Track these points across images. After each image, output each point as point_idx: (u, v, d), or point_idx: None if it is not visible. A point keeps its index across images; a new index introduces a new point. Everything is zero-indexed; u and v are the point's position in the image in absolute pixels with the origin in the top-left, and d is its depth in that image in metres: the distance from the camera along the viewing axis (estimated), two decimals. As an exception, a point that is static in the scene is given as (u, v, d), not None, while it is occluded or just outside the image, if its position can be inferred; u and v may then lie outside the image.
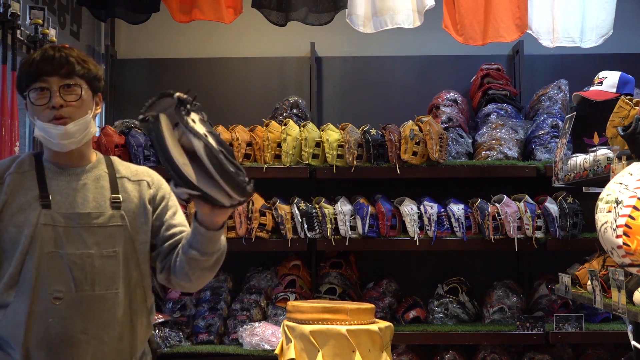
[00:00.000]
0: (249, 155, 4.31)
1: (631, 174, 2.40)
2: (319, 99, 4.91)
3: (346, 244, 4.17)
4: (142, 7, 4.31)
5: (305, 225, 4.16)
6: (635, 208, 2.30)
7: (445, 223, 4.18)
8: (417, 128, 4.18)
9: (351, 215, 4.17)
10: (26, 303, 1.84)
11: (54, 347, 1.84)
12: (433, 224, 4.15)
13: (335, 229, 4.16)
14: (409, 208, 4.18)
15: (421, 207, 4.19)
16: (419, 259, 4.66)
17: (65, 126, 1.90)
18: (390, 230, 4.19)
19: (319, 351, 2.97)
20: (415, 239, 4.17)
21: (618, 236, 2.35)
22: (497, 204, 4.17)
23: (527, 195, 4.22)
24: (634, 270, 2.44)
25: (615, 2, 4.31)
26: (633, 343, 2.70)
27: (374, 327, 3.04)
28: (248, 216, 4.17)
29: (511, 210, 4.11)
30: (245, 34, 4.97)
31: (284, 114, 4.54)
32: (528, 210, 4.11)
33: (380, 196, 4.29)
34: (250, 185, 1.74)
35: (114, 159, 2.09)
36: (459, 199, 4.28)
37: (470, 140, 4.46)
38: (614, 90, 3.72)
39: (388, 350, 3.11)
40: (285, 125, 4.26)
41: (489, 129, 4.38)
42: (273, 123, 4.35)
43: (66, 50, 1.95)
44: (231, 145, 4.26)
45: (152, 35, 4.96)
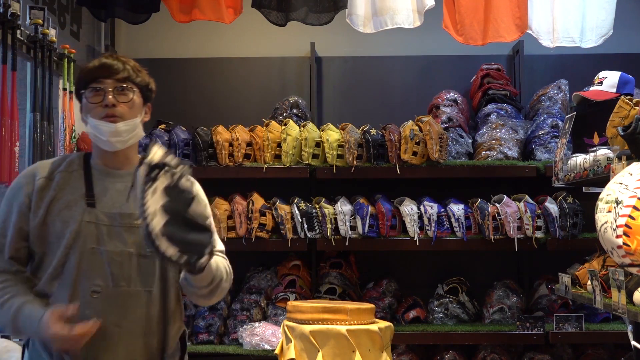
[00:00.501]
0: (249, 155, 4.31)
1: (631, 174, 2.40)
2: (319, 99, 4.91)
3: (346, 244, 4.17)
4: (142, 7, 4.31)
5: (305, 225, 4.16)
6: (635, 208, 2.30)
7: (445, 223, 4.18)
8: (417, 128, 4.18)
9: (351, 215, 4.17)
10: (66, 295, 1.96)
11: (89, 339, 1.92)
12: (433, 224, 4.16)
13: (335, 229, 4.16)
14: (409, 208, 4.18)
15: (421, 207, 4.19)
16: (419, 259, 4.66)
17: (116, 124, 2.03)
18: (390, 230, 4.19)
19: (319, 351, 2.97)
20: (415, 239, 4.17)
21: (618, 236, 2.35)
22: (497, 204, 4.17)
23: (527, 195, 4.22)
24: (634, 270, 2.44)
25: (615, 2, 4.31)
26: (633, 343, 2.70)
27: (374, 327, 3.04)
28: (248, 216, 4.17)
29: (511, 210, 4.11)
30: (245, 34, 4.97)
31: (284, 114, 4.54)
32: (528, 210, 4.11)
33: (380, 196, 4.29)
34: (199, 262, 1.82)
35: None
36: (459, 199, 4.28)
37: (470, 140, 4.46)
38: (614, 90, 3.71)
39: (388, 350, 3.11)
40: (285, 125, 4.26)
41: (489, 129, 4.38)
42: (273, 123, 4.35)
43: (123, 59, 2.11)
44: (231, 145, 4.27)
45: (152, 35, 4.96)
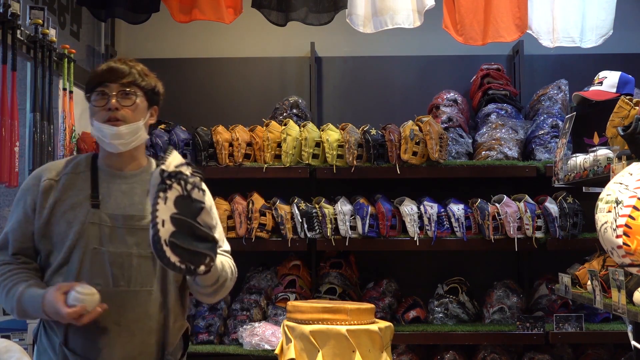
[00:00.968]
0: (249, 155, 4.31)
1: (631, 174, 2.40)
2: (319, 99, 4.91)
3: (346, 244, 4.17)
4: (142, 7, 4.31)
5: (305, 225, 4.16)
6: (635, 208, 2.30)
7: (445, 223, 4.18)
8: (417, 128, 4.18)
9: (351, 215, 4.17)
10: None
11: (89, 335, 2.01)
12: (433, 224, 4.16)
13: (335, 229, 4.16)
14: (409, 208, 4.18)
15: (421, 207, 4.19)
16: (419, 259, 4.66)
17: (118, 127, 2.08)
18: (390, 230, 4.19)
19: (319, 351, 2.97)
20: (415, 239, 4.17)
21: (618, 236, 2.35)
22: (497, 204, 4.17)
23: (527, 195, 4.22)
24: (634, 270, 2.44)
25: (615, 2, 4.31)
26: (633, 343, 2.70)
27: (374, 327, 3.04)
28: (248, 216, 4.17)
29: (511, 210, 4.11)
30: (245, 34, 4.97)
31: (284, 114, 4.54)
32: (528, 210, 4.11)
33: (380, 196, 4.29)
34: (199, 270, 1.89)
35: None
36: (459, 199, 4.28)
37: (470, 140, 4.46)
38: (614, 90, 3.71)
39: (388, 350, 3.11)
40: (285, 125, 4.26)
41: (489, 129, 4.37)
42: (273, 123, 4.35)
43: (131, 63, 2.15)
44: (231, 145, 4.27)
45: (152, 35, 4.96)
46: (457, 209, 4.19)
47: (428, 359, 4.32)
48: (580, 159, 3.24)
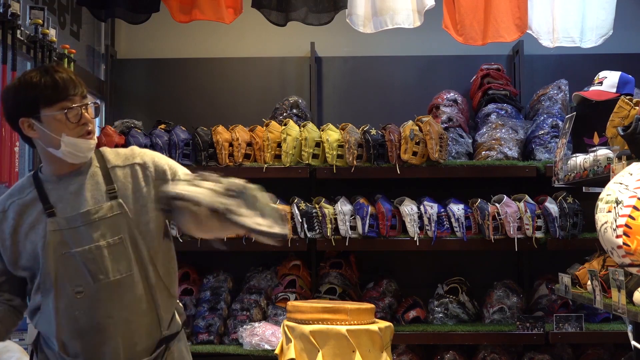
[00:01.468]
0: (249, 155, 4.31)
1: (631, 174, 2.40)
2: (319, 99, 4.91)
3: (346, 244, 4.17)
4: (142, 7, 4.31)
5: (305, 225, 4.16)
6: (635, 208, 2.30)
7: (445, 223, 4.18)
8: (417, 128, 4.18)
9: (351, 215, 4.17)
10: (52, 302, 2.03)
11: (85, 336, 2.02)
12: (433, 224, 4.15)
13: (335, 229, 4.16)
14: (409, 208, 4.18)
15: (421, 207, 4.19)
16: (419, 259, 4.66)
17: (92, 140, 2.09)
18: (390, 230, 4.19)
19: (319, 351, 2.97)
20: (415, 239, 4.17)
21: (618, 236, 2.35)
22: (497, 204, 4.17)
23: (527, 195, 4.21)
24: (634, 270, 2.44)
25: (615, 2, 4.31)
26: (633, 343, 2.70)
27: (374, 327, 3.04)
28: (248, 216, 4.17)
29: (511, 210, 4.11)
30: (245, 34, 4.97)
31: (284, 114, 4.54)
32: (528, 210, 4.11)
33: (380, 196, 4.29)
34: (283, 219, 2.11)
35: (104, 149, 2.19)
36: (459, 199, 4.28)
37: (470, 140, 4.46)
38: (614, 90, 3.70)
39: (388, 350, 3.11)
40: (285, 125, 4.26)
41: (489, 129, 4.37)
42: (273, 123, 4.35)
43: (70, 72, 2.10)
44: (231, 145, 4.27)
45: (152, 35, 4.96)
46: (457, 209, 4.19)
47: (428, 359, 4.32)
48: (580, 159, 3.24)
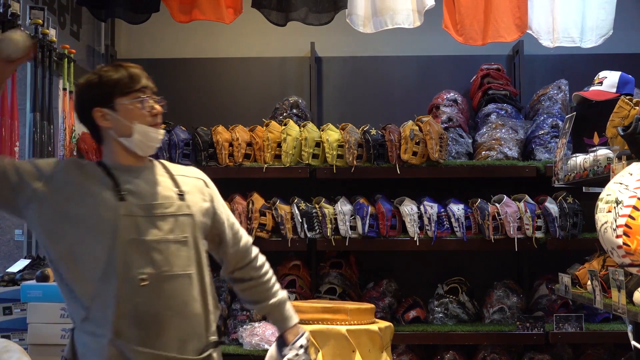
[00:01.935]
0: (249, 155, 4.31)
1: (631, 174, 2.40)
2: (319, 99, 4.91)
3: (346, 244, 4.17)
4: (142, 7, 4.31)
5: (305, 225, 4.16)
6: (635, 208, 2.30)
7: (445, 223, 4.18)
8: (417, 128, 4.18)
9: (351, 215, 4.17)
10: (114, 286, 1.99)
11: (144, 325, 2.01)
12: (433, 224, 4.15)
13: (335, 229, 4.16)
14: (409, 208, 4.18)
15: (421, 207, 4.19)
16: (419, 259, 4.66)
17: (162, 131, 2.19)
18: (390, 230, 4.19)
19: (319, 351, 2.97)
20: (415, 239, 4.17)
21: (618, 236, 2.35)
22: (497, 204, 4.17)
23: (527, 195, 4.21)
24: (634, 270, 2.44)
25: (615, 2, 4.31)
26: (633, 343, 2.70)
27: (374, 327, 3.04)
28: (248, 216, 4.17)
29: (511, 210, 4.11)
30: (245, 34, 4.96)
31: (284, 114, 4.54)
32: (528, 210, 4.11)
33: (380, 196, 4.29)
34: None
35: (165, 161, 2.30)
36: (459, 199, 4.28)
37: (470, 140, 4.46)
38: (614, 90, 3.71)
39: (388, 350, 3.11)
40: (285, 125, 4.26)
41: (489, 129, 4.37)
42: (273, 123, 4.35)
43: (141, 68, 2.23)
44: (231, 145, 4.27)
45: (152, 35, 4.96)
46: (457, 209, 4.19)
47: (428, 359, 4.32)
48: (580, 159, 3.24)
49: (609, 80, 3.73)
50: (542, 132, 4.33)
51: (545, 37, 4.32)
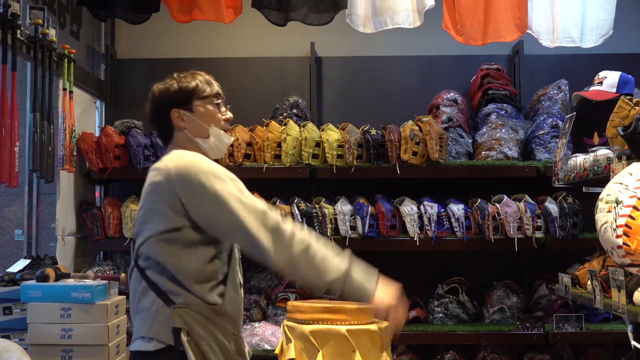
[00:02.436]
0: (249, 155, 4.31)
1: (631, 174, 2.40)
2: (319, 99, 4.91)
3: (346, 244, 4.16)
4: (142, 7, 4.31)
5: (305, 225, 4.15)
6: (635, 208, 2.30)
7: (445, 223, 4.18)
8: (417, 128, 4.18)
9: (351, 215, 4.17)
10: (234, 286, 2.20)
11: (239, 321, 2.23)
12: (433, 224, 4.15)
13: (335, 229, 4.16)
14: (409, 208, 4.18)
15: (421, 207, 4.19)
16: (419, 259, 4.66)
17: (232, 137, 2.36)
18: (390, 230, 4.19)
19: (319, 351, 2.97)
20: (415, 239, 4.17)
21: (618, 236, 2.35)
22: (497, 204, 4.17)
23: (527, 195, 4.22)
24: (634, 270, 2.44)
25: (615, 2, 4.31)
26: (633, 343, 2.70)
27: (374, 327, 3.04)
28: (248, 216, 4.17)
29: (511, 210, 4.11)
30: (245, 34, 4.97)
31: (284, 114, 4.54)
32: (528, 210, 4.11)
33: (380, 196, 4.29)
34: None
35: None
36: (459, 199, 4.28)
37: (470, 140, 4.46)
38: (614, 90, 3.70)
39: (388, 350, 3.11)
40: (285, 125, 4.26)
41: (489, 129, 4.38)
42: (273, 123, 4.35)
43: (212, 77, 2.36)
44: (231, 145, 4.26)
45: (152, 35, 4.96)
46: (457, 209, 4.19)
47: (428, 359, 4.32)
48: (580, 159, 3.24)
49: (609, 80, 3.73)
50: (542, 132, 4.33)
51: (545, 37, 4.33)
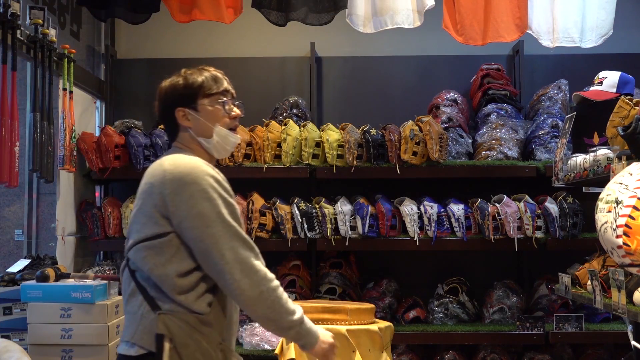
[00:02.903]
0: (249, 155, 4.31)
1: (631, 174, 2.40)
2: (319, 99, 4.91)
3: (346, 244, 4.17)
4: (142, 7, 4.31)
5: (305, 225, 4.16)
6: (635, 208, 2.30)
7: (445, 223, 4.18)
8: (417, 128, 4.18)
9: (351, 215, 4.17)
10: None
11: (232, 330, 2.13)
12: (433, 224, 4.15)
13: (335, 229, 4.16)
14: (409, 208, 4.18)
15: (421, 207, 4.19)
16: (419, 259, 4.66)
17: (239, 136, 2.24)
18: (390, 230, 4.19)
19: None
20: (415, 239, 4.17)
21: (618, 236, 2.35)
22: (497, 204, 4.17)
23: (527, 195, 4.22)
24: (634, 270, 2.44)
25: (615, 2, 4.31)
26: (633, 343, 2.70)
27: (374, 327, 3.04)
28: (248, 216, 4.17)
29: (511, 210, 4.11)
30: (245, 34, 4.96)
31: (284, 114, 4.54)
32: (528, 210, 4.11)
33: (380, 196, 4.29)
34: None
35: None
36: (459, 199, 4.28)
37: (470, 140, 4.46)
38: (614, 90, 3.71)
39: (388, 350, 3.11)
40: (285, 125, 4.26)
41: (489, 129, 4.37)
42: (273, 123, 4.35)
43: (222, 73, 2.28)
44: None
45: (152, 35, 4.96)
46: (457, 209, 4.19)
47: (428, 359, 4.32)
48: (580, 159, 3.24)
49: (609, 80, 3.73)
50: (542, 132, 4.33)
51: (545, 37, 4.33)
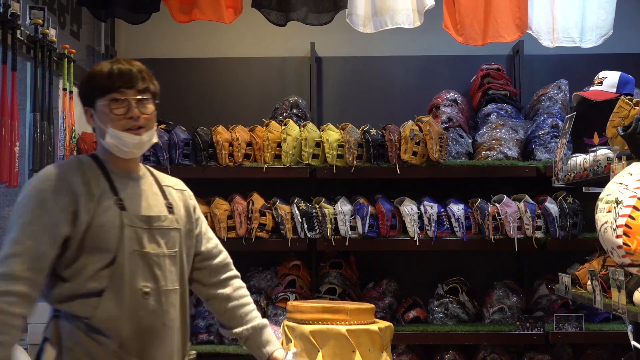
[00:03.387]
0: (249, 155, 4.31)
1: (631, 174, 2.40)
2: (319, 99, 4.91)
3: (346, 244, 4.17)
4: (142, 7, 4.31)
5: (305, 225, 4.16)
6: (635, 208, 2.30)
7: (445, 223, 4.18)
8: (417, 128, 4.18)
9: (351, 215, 4.17)
10: (119, 297, 1.98)
11: (144, 338, 2.01)
12: (433, 224, 4.15)
13: (335, 229, 4.16)
14: (409, 208, 4.18)
15: (421, 207, 4.19)
16: (419, 259, 4.66)
17: (140, 136, 2.05)
18: (390, 230, 4.19)
19: (319, 351, 2.97)
20: (415, 239, 4.17)
21: (618, 236, 2.35)
22: (497, 204, 4.17)
23: (527, 195, 4.21)
24: (634, 270, 2.44)
25: (615, 2, 4.31)
26: (633, 343, 2.70)
27: (374, 327, 3.04)
28: (248, 216, 4.17)
29: (511, 210, 4.11)
30: (245, 34, 4.96)
31: (284, 114, 4.54)
32: (528, 210, 4.11)
33: (380, 196, 4.29)
34: None
35: (151, 168, 2.25)
36: (459, 199, 4.28)
37: (470, 140, 4.46)
38: (614, 90, 3.71)
39: (388, 350, 3.11)
40: (285, 125, 4.26)
41: (489, 129, 4.37)
42: (273, 123, 4.35)
43: (136, 65, 2.09)
44: (231, 145, 4.27)
45: (152, 35, 4.96)
46: (457, 209, 4.19)
47: (428, 359, 4.32)
48: (580, 159, 3.24)
49: (609, 80, 3.73)
50: (542, 132, 4.33)
51: (545, 37, 4.32)
